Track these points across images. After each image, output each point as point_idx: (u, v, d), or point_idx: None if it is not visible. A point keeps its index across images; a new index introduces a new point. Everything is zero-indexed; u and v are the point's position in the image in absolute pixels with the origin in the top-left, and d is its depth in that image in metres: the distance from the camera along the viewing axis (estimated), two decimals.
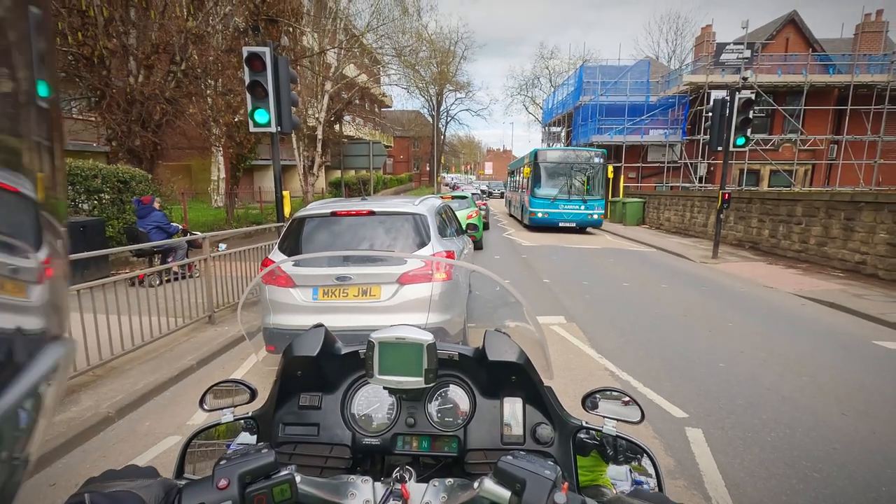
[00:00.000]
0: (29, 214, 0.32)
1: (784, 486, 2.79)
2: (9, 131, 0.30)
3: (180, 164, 19.08)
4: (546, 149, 19.89)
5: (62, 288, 0.36)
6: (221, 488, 0.71)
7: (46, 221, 0.33)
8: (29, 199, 0.31)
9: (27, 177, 0.31)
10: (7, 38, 0.29)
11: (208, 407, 1.16)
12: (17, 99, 0.30)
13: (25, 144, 0.31)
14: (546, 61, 54.96)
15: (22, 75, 0.30)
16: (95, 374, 4.11)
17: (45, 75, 0.32)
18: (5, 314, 0.30)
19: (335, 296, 3.85)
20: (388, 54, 25.12)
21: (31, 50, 0.31)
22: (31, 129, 0.31)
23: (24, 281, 0.31)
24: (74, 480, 2.86)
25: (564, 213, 17.09)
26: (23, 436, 0.30)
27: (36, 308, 0.32)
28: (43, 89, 0.32)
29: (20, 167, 0.30)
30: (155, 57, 10.37)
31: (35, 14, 0.31)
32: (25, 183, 0.30)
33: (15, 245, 0.30)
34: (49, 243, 0.33)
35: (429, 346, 0.99)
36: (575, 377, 4.33)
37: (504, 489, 0.72)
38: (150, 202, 7.98)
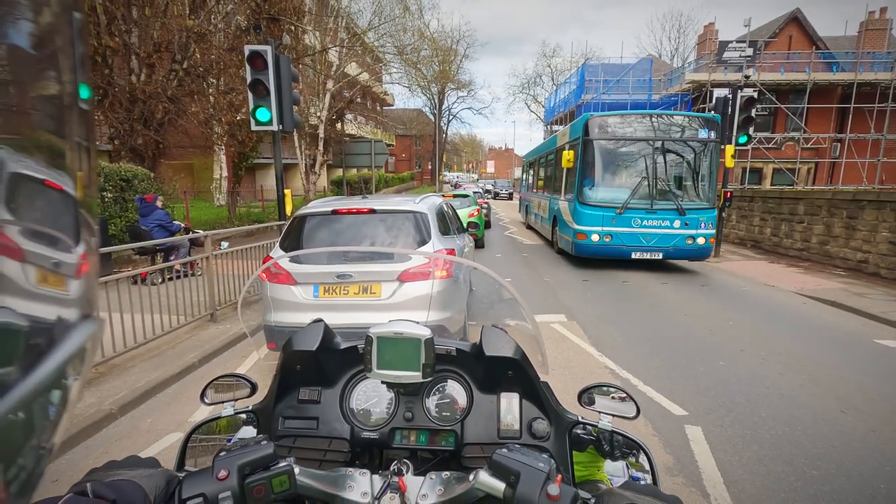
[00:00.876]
0: (70, 211, 0.33)
1: (783, 484, 2.80)
2: (56, 132, 0.31)
3: (182, 163, 19.12)
4: (608, 114, 10.10)
5: (94, 283, 0.38)
6: (221, 479, 0.72)
7: (84, 218, 0.35)
8: (70, 196, 0.33)
9: (70, 175, 0.32)
10: (55, 42, 0.30)
11: (209, 400, 1.17)
12: (63, 101, 0.32)
13: (69, 145, 0.32)
14: (548, 59, 54.70)
15: (67, 79, 0.32)
16: (98, 371, 4.14)
17: (85, 78, 0.34)
18: (47, 305, 0.31)
19: (336, 293, 3.87)
20: (390, 52, 25.11)
21: (75, 54, 0.32)
22: (73, 130, 0.33)
23: (65, 274, 0.33)
24: (78, 476, 2.85)
25: (644, 235, 9.08)
26: (50, 426, 0.31)
27: (73, 300, 0.34)
28: (84, 92, 0.33)
29: (64, 166, 0.32)
30: (157, 55, 10.39)
31: (77, 19, 0.32)
32: (68, 181, 0.32)
33: (59, 240, 0.32)
34: (85, 240, 0.35)
35: (426, 340, 1.00)
36: (575, 375, 4.34)
37: (498, 481, 0.73)
38: (153, 200, 8.02)
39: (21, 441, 0.28)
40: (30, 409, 0.28)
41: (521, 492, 0.70)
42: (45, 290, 0.31)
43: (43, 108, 0.31)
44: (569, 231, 9.86)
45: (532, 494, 0.69)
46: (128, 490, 0.67)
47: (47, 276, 0.31)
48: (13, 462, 0.27)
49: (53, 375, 0.31)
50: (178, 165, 18.12)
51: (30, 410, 0.28)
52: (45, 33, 0.30)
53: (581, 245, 9.35)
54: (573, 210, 9.61)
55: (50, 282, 0.31)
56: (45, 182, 0.30)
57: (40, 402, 0.30)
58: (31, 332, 0.30)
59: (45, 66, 0.30)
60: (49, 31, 0.30)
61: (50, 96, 0.31)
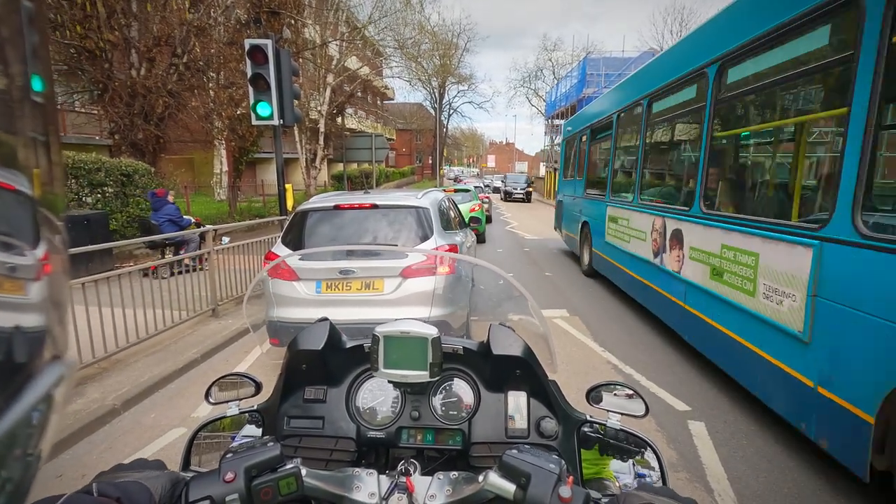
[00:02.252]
0: (26, 212, 0.31)
1: (787, 479, 2.80)
2: (4, 128, 0.29)
3: (183, 158, 19.09)
4: None
5: (62, 283, 0.36)
6: (228, 481, 0.71)
7: (44, 217, 0.33)
8: (26, 195, 0.31)
9: (23, 173, 0.30)
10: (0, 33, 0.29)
11: (214, 400, 1.17)
12: (12, 95, 0.30)
13: (21, 141, 0.30)
14: (549, 53, 54.36)
15: (16, 70, 0.30)
16: (101, 366, 4.14)
17: (38, 69, 0.32)
18: (4, 313, 0.30)
19: (338, 289, 3.86)
20: (390, 46, 24.99)
21: (25, 44, 0.30)
22: (26, 124, 0.31)
23: (23, 279, 0.31)
24: (81, 471, 2.89)
25: None
26: (35, 433, 0.30)
27: (35, 306, 0.32)
28: (37, 84, 0.31)
29: (16, 164, 0.30)
30: (156, 50, 10.34)
31: (27, 7, 0.30)
32: (22, 180, 0.30)
33: (13, 243, 0.30)
34: (47, 239, 0.33)
35: (433, 340, 0.99)
36: (577, 370, 4.34)
37: (509, 483, 0.72)
38: (164, 195, 8.13)
39: (4, 453, 0.27)
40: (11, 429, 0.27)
41: (531, 493, 0.69)
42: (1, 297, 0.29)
43: None
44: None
45: (543, 496, 0.68)
46: (133, 490, 0.66)
47: (2, 283, 0.29)
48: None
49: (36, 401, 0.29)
50: (179, 160, 18.10)
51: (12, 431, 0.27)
52: None
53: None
54: None
55: (5, 288, 0.29)
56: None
57: (23, 419, 0.29)
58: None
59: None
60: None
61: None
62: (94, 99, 10.87)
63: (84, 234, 7.04)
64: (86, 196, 8.46)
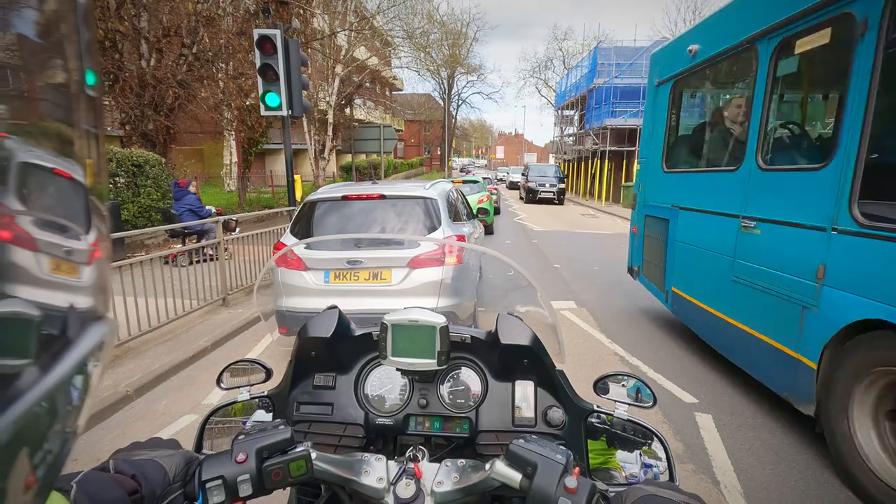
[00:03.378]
0: (80, 199, 0.33)
1: (793, 472, 2.79)
2: (64, 120, 0.31)
3: (193, 149, 19.20)
4: None
5: (107, 268, 0.38)
6: (240, 462, 0.73)
7: (94, 206, 0.35)
8: (80, 184, 0.33)
9: (79, 163, 0.32)
10: (61, 29, 0.30)
11: (225, 385, 1.19)
12: (70, 89, 0.31)
13: (77, 133, 0.32)
14: (559, 43, 53.69)
15: (73, 66, 0.31)
16: (113, 353, 4.21)
17: (91, 64, 0.33)
18: (61, 293, 0.32)
19: (346, 279, 3.88)
20: (399, 36, 24.87)
21: (81, 40, 0.32)
22: (81, 117, 0.33)
23: (77, 262, 0.33)
24: (95, 456, 2.95)
25: None
26: (74, 411, 0.32)
27: (86, 288, 0.34)
28: (91, 78, 0.33)
29: (73, 154, 0.32)
30: (166, 40, 10.37)
31: (81, 4, 0.32)
32: (77, 169, 0.32)
33: (70, 228, 0.32)
34: (96, 227, 0.35)
35: (442, 328, 1.00)
36: (584, 362, 4.34)
37: (515, 472, 0.73)
38: (186, 185, 8.33)
39: (47, 427, 0.29)
40: (53, 398, 0.28)
41: (537, 483, 0.69)
42: (59, 279, 0.31)
43: (50, 96, 0.31)
44: None
45: (549, 486, 0.69)
46: (148, 468, 0.68)
47: (60, 265, 0.31)
48: (40, 447, 0.28)
49: (75, 367, 0.31)
50: (189, 151, 18.21)
51: (53, 399, 0.29)
52: (49, 20, 0.29)
53: None
54: None
55: (63, 270, 0.32)
56: (54, 171, 0.30)
57: (64, 390, 0.30)
58: (48, 322, 0.30)
59: (51, 53, 0.30)
60: (54, 18, 0.30)
61: (57, 84, 0.31)
62: (104, 89, 10.94)
63: None
64: None
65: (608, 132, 26.31)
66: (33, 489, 0.27)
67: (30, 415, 0.26)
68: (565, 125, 39.56)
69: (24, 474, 0.26)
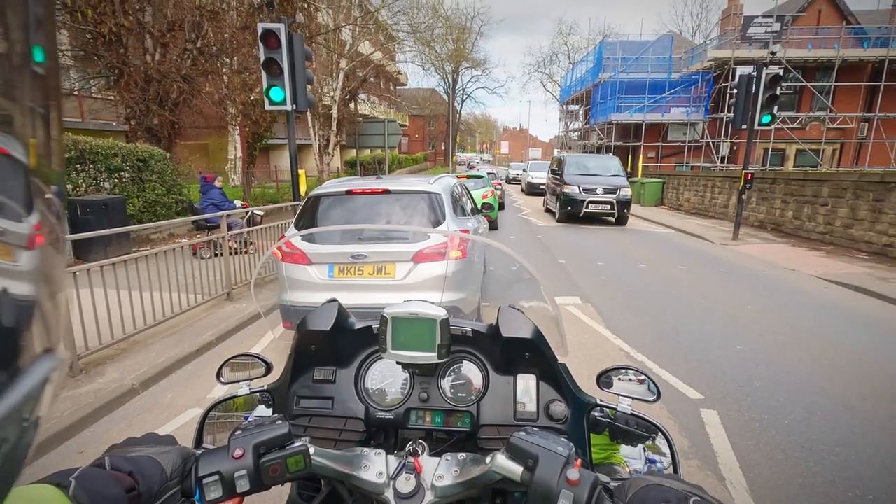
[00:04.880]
0: (19, 179, 0.31)
1: (800, 469, 2.77)
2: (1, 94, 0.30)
3: (197, 143, 19.24)
4: None
5: (57, 260, 0.36)
6: (237, 457, 0.72)
7: (38, 189, 0.33)
8: (19, 162, 0.31)
9: (18, 141, 0.30)
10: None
11: (225, 380, 1.18)
12: (11, 61, 0.30)
13: (17, 108, 0.31)
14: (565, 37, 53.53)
15: (16, 37, 0.30)
16: (119, 347, 4.24)
17: (41, 41, 0.32)
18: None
19: (351, 273, 3.88)
20: (404, 31, 24.75)
21: (28, 13, 0.30)
22: (24, 93, 0.31)
23: (13, 244, 0.31)
24: (102, 448, 2.95)
25: None
26: (30, 402, 0.30)
27: (25, 273, 0.32)
28: (38, 55, 0.32)
29: (11, 131, 0.30)
30: (170, 35, 10.36)
31: None
32: (16, 146, 0.30)
33: (4, 205, 0.30)
34: (42, 212, 0.33)
35: (442, 321, 0.99)
36: (589, 357, 4.32)
37: (516, 464, 0.72)
38: (212, 180, 8.46)
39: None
40: None
41: (539, 476, 0.68)
42: None
43: None
44: None
45: (551, 479, 0.67)
46: (145, 464, 0.67)
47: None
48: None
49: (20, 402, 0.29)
50: (194, 146, 18.24)
51: None
52: None
53: None
54: None
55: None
56: None
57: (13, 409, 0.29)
58: None
59: None
60: None
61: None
62: (109, 84, 10.97)
63: (102, 218, 7.16)
64: (103, 181, 8.58)
65: (614, 127, 26.19)
66: None
67: None
68: (570, 120, 39.37)
69: None
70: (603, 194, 13.01)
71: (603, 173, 14.07)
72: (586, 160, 15.39)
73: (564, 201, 13.38)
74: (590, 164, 14.79)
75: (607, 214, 13.28)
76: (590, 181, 13.49)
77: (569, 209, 13.27)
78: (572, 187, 13.34)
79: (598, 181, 13.46)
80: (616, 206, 12.91)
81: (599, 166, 14.65)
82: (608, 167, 14.59)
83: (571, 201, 13.24)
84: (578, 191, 13.24)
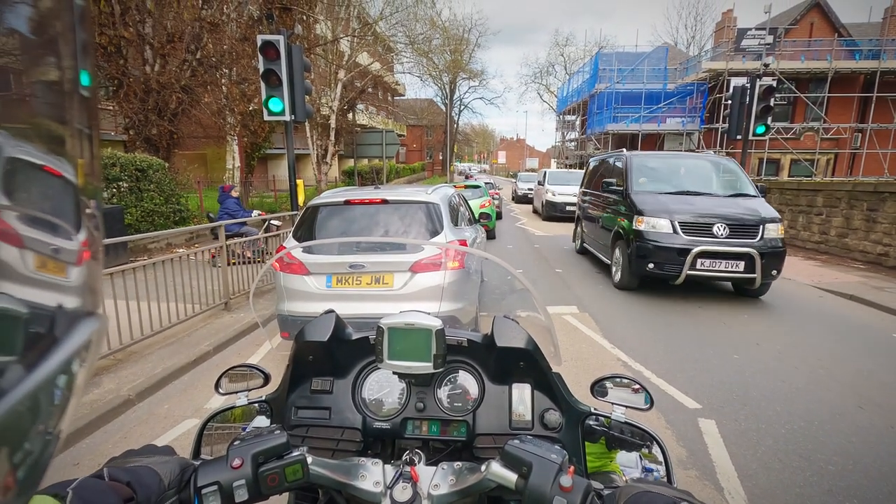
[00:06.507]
0: (70, 198, 0.33)
1: (798, 478, 2.77)
2: (56, 119, 0.32)
3: (196, 153, 19.28)
4: None
5: (98, 270, 0.38)
6: (235, 467, 0.73)
7: (84, 206, 0.35)
8: (71, 183, 0.33)
9: (70, 162, 0.32)
10: (55, 28, 0.31)
11: (223, 390, 1.19)
12: (63, 88, 0.32)
13: (69, 132, 0.32)
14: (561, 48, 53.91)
15: (67, 65, 0.32)
16: (116, 357, 4.22)
17: (87, 65, 0.34)
18: (47, 292, 0.32)
19: (348, 283, 3.89)
20: (402, 42, 24.93)
21: (76, 40, 0.32)
22: (74, 117, 0.33)
23: (65, 261, 0.33)
24: (97, 460, 2.95)
25: None
26: (56, 412, 0.32)
27: (74, 288, 0.34)
28: (85, 79, 0.33)
29: (64, 153, 0.32)
30: (170, 46, 10.44)
31: (78, 5, 0.33)
32: (68, 168, 0.32)
33: (58, 226, 0.32)
34: (87, 227, 0.35)
35: (437, 331, 1.00)
36: (587, 367, 4.32)
37: (510, 472, 0.73)
38: (229, 190, 8.74)
39: (29, 428, 0.29)
40: (37, 398, 0.29)
41: (533, 483, 0.69)
42: (44, 277, 0.31)
43: (42, 94, 0.31)
44: None
45: (544, 486, 0.69)
46: (143, 475, 0.68)
47: (46, 263, 0.31)
48: (20, 448, 0.28)
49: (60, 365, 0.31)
50: (192, 155, 18.29)
51: (37, 399, 0.29)
52: (44, 18, 0.30)
53: None
54: None
55: (49, 268, 0.32)
56: (43, 168, 0.30)
57: (48, 390, 0.30)
58: (32, 320, 0.30)
59: (45, 51, 0.30)
60: (49, 17, 0.30)
61: (50, 82, 0.31)
62: (109, 95, 11.01)
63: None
64: (101, 191, 8.60)
65: (610, 137, 26.39)
66: (13, 490, 0.27)
67: (11, 414, 0.26)
68: (567, 130, 39.66)
69: (2, 475, 0.26)
70: (728, 237, 6.30)
71: (712, 190, 7.23)
72: (670, 163, 8.10)
73: (640, 251, 6.54)
74: (680, 172, 7.74)
75: (736, 280, 6.56)
76: (695, 208, 6.60)
77: (651, 267, 6.44)
78: (656, 221, 6.52)
79: (711, 207, 6.63)
80: (756, 261, 6.18)
81: (699, 177, 7.56)
82: (720, 178, 7.57)
83: (657, 252, 6.38)
84: (671, 229, 6.41)
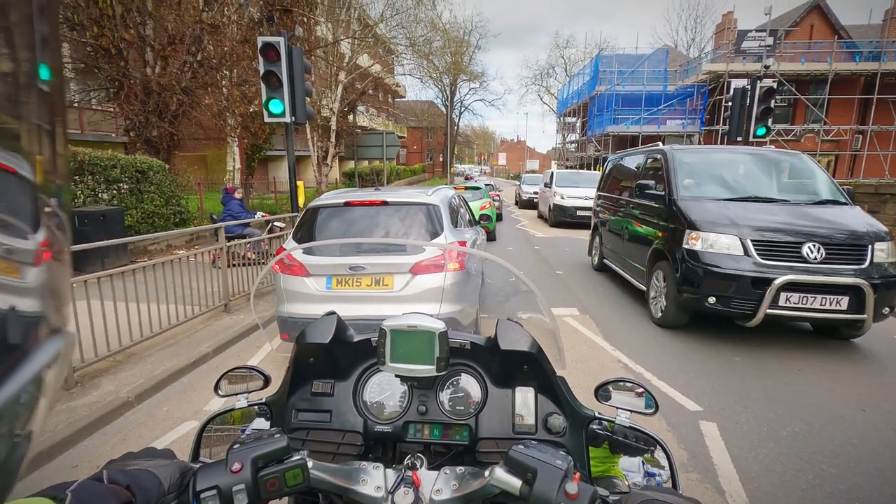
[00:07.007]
0: (26, 196, 0.31)
1: (800, 481, 2.76)
2: (8, 112, 0.30)
3: (196, 155, 19.29)
4: None
5: (61, 273, 0.36)
6: (235, 471, 0.72)
7: (44, 205, 0.33)
8: (27, 180, 0.31)
9: (26, 159, 0.31)
10: (9, 18, 0.29)
11: (223, 392, 1.17)
12: (18, 80, 0.30)
13: (24, 126, 0.31)
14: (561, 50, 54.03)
15: (23, 56, 0.30)
16: (116, 359, 4.21)
17: (47, 59, 0.32)
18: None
19: (348, 285, 3.88)
20: (402, 44, 24.95)
21: (34, 32, 0.31)
22: (31, 111, 0.31)
23: (20, 262, 0.31)
24: (96, 462, 2.94)
25: None
26: (23, 413, 0.30)
27: (32, 290, 0.32)
28: (45, 73, 0.32)
29: (18, 148, 0.30)
30: (171, 48, 10.45)
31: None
32: (24, 164, 0.30)
33: (11, 224, 0.30)
34: (47, 227, 0.33)
35: (440, 334, 0.99)
36: (588, 369, 4.31)
37: (515, 478, 0.72)
38: (232, 192, 8.69)
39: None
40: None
41: (538, 489, 0.68)
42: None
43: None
44: None
45: (550, 492, 0.67)
46: (142, 477, 0.67)
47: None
48: None
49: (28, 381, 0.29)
50: (193, 157, 18.29)
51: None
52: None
53: None
54: None
55: (1, 269, 0.29)
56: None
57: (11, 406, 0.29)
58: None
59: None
60: (2, 7, 0.29)
61: (2, 74, 0.29)
62: (109, 97, 11.04)
63: (100, 229, 7.14)
64: (102, 192, 8.59)
65: (610, 139, 26.41)
66: None
67: None
68: (567, 132, 39.70)
69: None
70: (824, 263, 4.50)
71: (788, 196, 5.45)
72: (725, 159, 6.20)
73: (694, 279, 4.86)
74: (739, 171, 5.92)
75: (837, 322, 4.84)
76: (772, 221, 4.84)
77: (712, 302, 4.76)
78: (718, 239, 4.83)
79: (794, 220, 4.85)
80: (868, 296, 4.35)
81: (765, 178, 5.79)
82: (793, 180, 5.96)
83: (721, 282, 4.70)
84: (741, 250, 4.70)
